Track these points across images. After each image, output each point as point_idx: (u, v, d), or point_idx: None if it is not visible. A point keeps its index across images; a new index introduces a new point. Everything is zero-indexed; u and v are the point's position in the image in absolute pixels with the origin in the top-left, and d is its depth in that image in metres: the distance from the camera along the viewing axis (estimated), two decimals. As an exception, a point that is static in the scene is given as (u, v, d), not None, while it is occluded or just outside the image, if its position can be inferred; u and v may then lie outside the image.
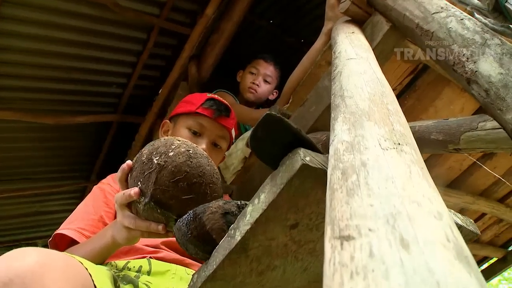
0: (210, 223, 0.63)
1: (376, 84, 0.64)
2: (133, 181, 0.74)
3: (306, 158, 0.48)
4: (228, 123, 1.26)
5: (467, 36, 0.87)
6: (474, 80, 0.84)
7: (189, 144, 0.76)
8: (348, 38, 1.03)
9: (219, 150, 1.26)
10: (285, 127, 0.49)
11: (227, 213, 0.64)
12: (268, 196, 0.51)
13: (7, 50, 2.05)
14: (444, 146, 0.88)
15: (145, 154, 0.74)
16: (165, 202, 0.70)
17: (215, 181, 0.75)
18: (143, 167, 0.72)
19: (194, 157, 0.73)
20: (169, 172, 0.70)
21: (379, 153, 0.40)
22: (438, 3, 0.98)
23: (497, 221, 2.25)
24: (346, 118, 0.50)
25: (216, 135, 1.23)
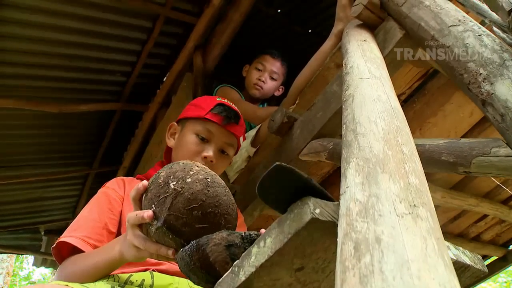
0: (214, 255, 0.62)
1: (390, 117, 0.61)
2: (147, 203, 0.72)
3: (316, 211, 0.46)
4: (237, 130, 1.22)
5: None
6: (490, 102, 0.80)
7: (207, 171, 0.74)
8: (360, 48, 0.99)
9: (226, 157, 1.23)
10: (296, 177, 0.47)
11: (231, 245, 0.63)
12: (275, 243, 0.50)
13: (11, 38, 2.02)
14: (455, 168, 0.86)
15: (162, 177, 0.72)
16: (178, 229, 0.69)
17: (230, 212, 0.73)
18: (159, 190, 0.70)
19: (212, 186, 0.71)
20: (185, 199, 0.69)
21: (394, 224, 0.38)
22: (456, 15, 0.94)
23: (499, 221, 2.25)
24: (360, 166, 0.48)
25: (224, 142, 1.20)
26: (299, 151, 1.31)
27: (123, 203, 1.09)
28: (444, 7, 0.97)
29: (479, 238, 2.34)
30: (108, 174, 3.03)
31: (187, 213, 0.68)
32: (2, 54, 2.08)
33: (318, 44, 2.95)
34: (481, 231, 2.29)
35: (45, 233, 3.39)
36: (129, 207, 1.06)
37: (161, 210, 0.69)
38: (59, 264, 0.97)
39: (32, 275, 10.12)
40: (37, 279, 10.15)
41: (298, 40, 2.95)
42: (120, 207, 1.08)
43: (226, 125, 1.19)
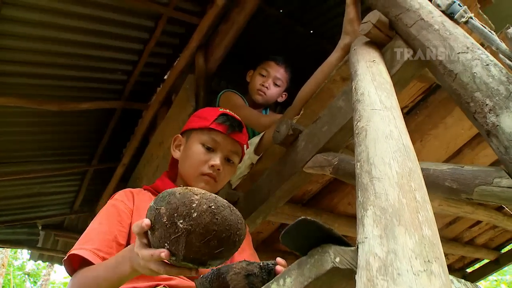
0: (233, 283, 0.67)
1: (403, 157, 0.63)
2: (158, 241, 0.72)
3: (336, 259, 0.48)
4: (241, 138, 1.26)
5: (492, 86, 0.86)
6: (495, 134, 0.83)
7: (208, 196, 0.73)
8: (369, 70, 1.01)
9: (232, 166, 1.26)
10: (318, 228, 0.50)
11: (250, 274, 0.67)
12: (295, 284, 0.52)
13: (12, 36, 2.00)
14: (457, 195, 0.89)
15: (165, 215, 0.71)
16: (198, 258, 0.71)
17: (240, 226, 0.75)
18: (168, 230, 0.70)
19: (218, 213, 0.71)
20: (198, 234, 0.69)
21: (411, 283, 0.41)
22: (464, 42, 0.96)
23: (492, 227, 2.30)
24: (377, 216, 0.51)
25: (229, 151, 1.23)
26: (304, 164, 1.33)
27: (132, 216, 1.11)
28: (453, 32, 0.99)
29: (473, 242, 2.39)
30: (107, 170, 3.05)
31: (204, 246, 0.70)
32: (3, 52, 2.06)
33: (320, 45, 2.98)
34: (475, 235, 2.35)
35: (42, 228, 3.40)
36: (138, 218, 1.07)
37: (177, 249, 0.70)
38: (71, 276, 0.99)
39: (26, 266, 10.17)
40: (30, 269, 10.19)
41: (300, 41, 2.95)
42: (129, 220, 1.10)
43: (230, 133, 1.22)
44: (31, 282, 10.22)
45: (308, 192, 1.72)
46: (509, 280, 6.97)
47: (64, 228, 3.51)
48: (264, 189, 1.51)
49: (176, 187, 0.76)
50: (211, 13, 2.23)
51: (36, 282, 10.22)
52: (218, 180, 1.22)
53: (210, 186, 1.20)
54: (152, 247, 0.74)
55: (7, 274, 8.95)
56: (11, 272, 9.32)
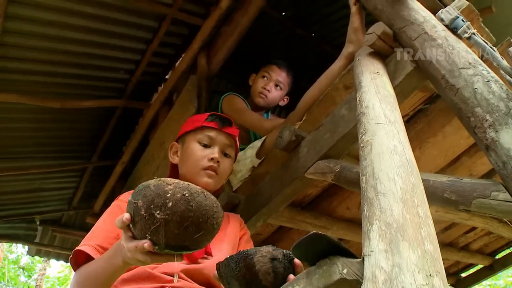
0: (259, 264, 0.72)
1: (407, 173, 0.66)
2: (140, 233, 0.75)
3: (344, 271, 0.51)
4: (233, 131, 1.34)
5: (492, 102, 0.89)
6: (493, 149, 0.86)
7: (181, 185, 0.76)
8: (373, 82, 1.04)
9: (229, 159, 1.32)
10: (328, 242, 0.52)
11: (275, 259, 0.73)
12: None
13: (17, 34, 2.01)
14: (455, 206, 0.92)
15: (142, 208, 0.74)
16: (179, 245, 0.75)
17: (215, 209, 0.78)
18: (147, 222, 0.73)
19: (192, 199, 0.74)
20: (175, 222, 0.72)
21: (416, 298, 0.43)
22: (467, 57, 0.99)
23: (487, 233, 2.34)
24: (382, 231, 0.53)
25: (224, 144, 1.31)
26: (306, 170, 1.36)
27: None
28: (455, 47, 1.02)
29: (468, 247, 2.43)
30: (106, 168, 3.06)
31: (183, 232, 0.73)
32: (7, 49, 2.08)
33: (321, 48, 3.00)
34: (470, 241, 2.39)
35: (40, 224, 3.42)
36: None
37: (158, 238, 0.73)
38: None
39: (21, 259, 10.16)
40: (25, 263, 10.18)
41: (301, 44, 2.98)
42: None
43: (222, 127, 1.31)
44: (26, 276, 10.22)
45: (308, 195, 1.75)
46: (502, 286, 7.06)
47: (62, 224, 3.53)
48: (265, 193, 1.53)
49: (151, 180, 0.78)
50: (214, 15, 2.25)
51: (30, 276, 10.22)
52: (219, 173, 1.27)
53: (213, 179, 1.26)
54: (136, 239, 0.77)
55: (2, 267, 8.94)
56: (5, 265, 9.31)
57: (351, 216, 1.88)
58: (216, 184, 1.28)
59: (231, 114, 1.93)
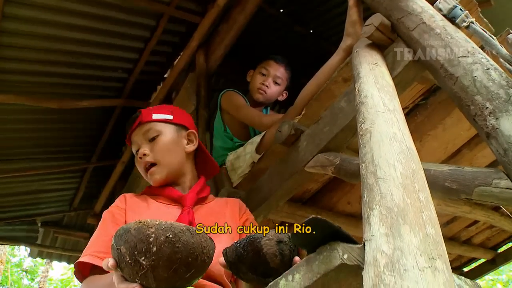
0: (266, 247, 0.73)
1: (407, 158, 0.65)
2: (129, 277, 0.73)
3: (344, 256, 0.50)
4: (141, 118, 1.25)
5: (492, 89, 0.88)
6: (494, 136, 0.85)
7: (163, 226, 0.72)
8: (372, 73, 1.03)
9: (160, 138, 1.23)
10: (328, 226, 0.52)
11: (281, 241, 0.74)
12: (304, 279, 0.54)
13: (13, 34, 2.01)
14: (457, 195, 0.91)
15: (126, 255, 0.70)
16: (172, 286, 0.73)
17: (204, 244, 0.75)
18: (133, 268, 0.70)
19: (177, 241, 0.70)
20: (163, 267, 0.69)
21: (417, 279, 0.43)
22: (465, 46, 0.98)
23: (489, 226, 2.33)
24: (383, 216, 0.53)
25: (142, 135, 1.24)
26: (305, 163, 1.35)
27: (126, 214, 1.15)
28: (454, 36, 1.01)
29: (470, 241, 2.42)
30: (106, 168, 3.06)
31: (173, 274, 0.71)
32: (4, 50, 2.07)
33: (319, 44, 3.00)
34: (472, 235, 2.38)
35: (41, 225, 3.41)
36: (132, 215, 1.13)
37: (148, 282, 0.71)
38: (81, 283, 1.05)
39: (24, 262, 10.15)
40: (28, 266, 10.18)
41: (299, 40, 2.97)
42: (123, 218, 1.14)
43: (132, 127, 1.25)
44: (29, 279, 10.21)
45: (308, 190, 1.74)
46: (505, 280, 7.05)
47: (63, 225, 3.52)
48: (265, 188, 1.53)
49: (130, 223, 0.74)
50: (212, 12, 2.25)
51: (33, 279, 10.21)
52: (156, 161, 1.21)
53: (156, 173, 1.20)
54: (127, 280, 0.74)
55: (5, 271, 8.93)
56: (8, 269, 9.31)
57: (352, 210, 1.88)
58: (163, 172, 1.21)
59: (230, 110, 1.93)
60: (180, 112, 1.37)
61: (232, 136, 1.93)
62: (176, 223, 0.74)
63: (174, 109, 1.36)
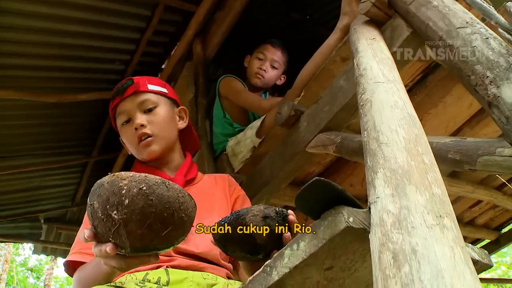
0: (251, 224, 0.71)
1: (409, 124, 0.65)
2: (102, 237, 0.68)
3: (350, 219, 0.50)
4: (136, 87, 1.17)
5: (492, 58, 0.87)
6: (496, 105, 0.85)
7: (137, 178, 0.67)
8: (370, 47, 1.02)
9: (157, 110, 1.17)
10: (332, 189, 0.51)
11: (267, 217, 0.72)
12: (309, 247, 0.54)
13: (9, 29, 1.99)
14: (460, 166, 0.91)
15: (99, 210, 0.66)
16: (148, 245, 0.68)
17: (182, 199, 0.69)
18: (106, 224, 0.65)
19: (151, 193, 0.65)
20: (136, 221, 0.64)
21: (426, 235, 0.42)
22: (464, 17, 0.97)
23: (493, 206, 2.33)
24: (387, 177, 0.52)
25: (137, 105, 1.16)
26: (306, 144, 1.35)
27: None
28: (452, 8, 1.00)
29: (474, 222, 2.43)
30: (107, 161, 3.05)
31: (147, 231, 0.65)
32: (2, 45, 2.06)
33: (316, 30, 2.97)
34: (476, 215, 2.38)
35: (44, 222, 3.41)
36: None
37: (122, 241, 0.66)
38: None
39: (29, 261, 10.19)
40: (33, 265, 10.22)
41: (296, 27, 2.95)
42: None
43: (123, 94, 1.16)
44: (34, 278, 10.27)
45: (310, 174, 1.74)
46: (509, 262, 7.09)
47: (66, 220, 3.53)
48: (267, 171, 1.52)
49: (105, 176, 0.70)
50: (207, 0, 2.23)
51: (39, 277, 10.26)
52: (153, 133, 1.14)
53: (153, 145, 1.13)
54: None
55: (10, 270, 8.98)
56: (13, 268, 9.35)
57: (354, 193, 1.87)
58: (160, 145, 1.14)
59: (229, 95, 1.93)
60: (170, 87, 1.31)
61: (232, 122, 1.93)
62: (151, 175, 0.68)
63: (165, 83, 1.30)
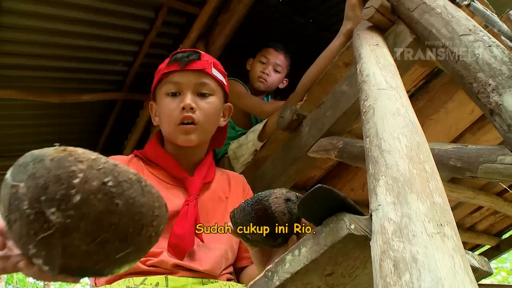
0: (274, 206, 0.72)
1: (411, 132, 0.65)
2: (18, 242, 0.46)
3: (351, 226, 0.50)
4: (203, 65, 1.06)
5: (494, 66, 0.88)
6: (498, 113, 0.85)
7: (100, 164, 0.45)
8: (373, 53, 1.03)
9: (209, 99, 1.07)
10: (334, 196, 0.52)
11: (289, 199, 0.73)
12: (310, 253, 0.54)
13: (12, 29, 2.00)
14: (461, 173, 0.91)
15: (25, 199, 0.42)
16: (87, 268, 0.46)
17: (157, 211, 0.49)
18: (32, 226, 0.42)
19: (119, 194, 0.44)
20: (83, 233, 0.42)
21: (426, 244, 0.43)
22: (466, 24, 0.98)
23: (493, 212, 2.33)
24: (389, 185, 0.53)
25: (195, 84, 1.05)
26: (308, 148, 1.35)
27: None
28: (455, 15, 1.01)
29: (474, 228, 2.42)
30: (109, 162, 3.06)
31: (96, 249, 0.44)
32: (3, 45, 2.07)
33: (319, 34, 2.98)
34: (476, 221, 2.38)
35: (46, 220, 3.41)
36: None
37: (50, 255, 0.43)
38: None
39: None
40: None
41: (299, 30, 2.96)
42: None
43: (186, 66, 1.04)
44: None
45: (312, 178, 1.74)
46: (509, 268, 7.07)
47: (67, 221, 3.53)
48: (269, 175, 1.53)
49: (50, 148, 0.49)
50: (211, 3, 2.24)
51: (38, 276, 10.25)
52: (198, 122, 1.04)
53: (193, 134, 1.04)
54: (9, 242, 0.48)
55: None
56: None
57: (355, 197, 1.88)
58: (200, 137, 1.05)
59: (231, 99, 1.92)
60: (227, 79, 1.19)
61: (234, 125, 1.93)
62: (122, 165, 0.47)
63: (225, 73, 1.19)
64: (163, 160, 1.08)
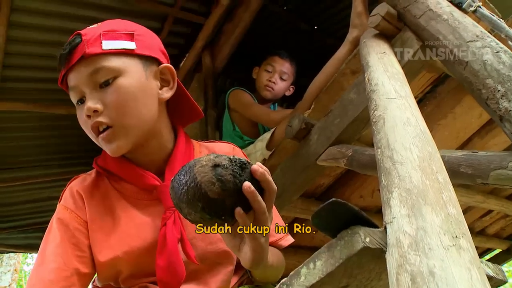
0: (200, 175, 0.59)
1: (422, 142, 0.65)
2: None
3: (367, 240, 0.50)
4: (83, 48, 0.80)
5: (503, 72, 0.88)
6: (508, 119, 0.85)
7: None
8: (381, 62, 1.03)
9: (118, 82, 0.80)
10: (348, 209, 0.52)
11: (217, 165, 0.60)
12: (326, 266, 0.54)
13: (20, 42, 2.03)
14: (473, 180, 0.91)
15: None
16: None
17: None
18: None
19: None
20: None
21: (443, 257, 0.43)
22: (474, 31, 0.98)
23: (503, 216, 2.31)
24: (403, 197, 0.53)
25: (87, 77, 0.80)
26: (317, 157, 1.35)
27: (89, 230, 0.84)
28: (462, 21, 1.01)
29: (484, 232, 2.40)
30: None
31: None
32: (11, 58, 2.10)
33: (324, 40, 2.99)
34: (486, 225, 2.36)
35: (54, 231, 3.43)
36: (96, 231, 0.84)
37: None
38: None
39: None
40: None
41: (304, 37, 2.97)
42: (87, 240, 0.83)
43: (68, 61, 0.81)
44: (42, 287, 10.28)
45: (321, 185, 1.74)
46: (520, 271, 6.99)
47: (75, 231, 3.54)
48: (278, 184, 1.50)
49: None
50: (216, 12, 2.26)
51: (47, 286, 10.27)
52: (112, 122, 0.80)
53: (116, 140, 0.80)
54: None
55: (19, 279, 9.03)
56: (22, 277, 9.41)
57: (364, 204, 1.87)
58: (127, 138, 0.81)
59: (238, 108, 1.94)
60: (148, 34, 0.91)
61: (242, 135, 1.94)
62: None
63: (138, 28, 0.89)
64: (125, 170, 0.87)
